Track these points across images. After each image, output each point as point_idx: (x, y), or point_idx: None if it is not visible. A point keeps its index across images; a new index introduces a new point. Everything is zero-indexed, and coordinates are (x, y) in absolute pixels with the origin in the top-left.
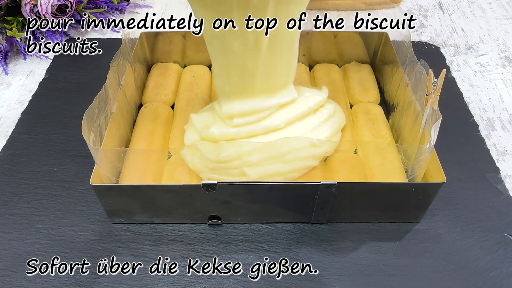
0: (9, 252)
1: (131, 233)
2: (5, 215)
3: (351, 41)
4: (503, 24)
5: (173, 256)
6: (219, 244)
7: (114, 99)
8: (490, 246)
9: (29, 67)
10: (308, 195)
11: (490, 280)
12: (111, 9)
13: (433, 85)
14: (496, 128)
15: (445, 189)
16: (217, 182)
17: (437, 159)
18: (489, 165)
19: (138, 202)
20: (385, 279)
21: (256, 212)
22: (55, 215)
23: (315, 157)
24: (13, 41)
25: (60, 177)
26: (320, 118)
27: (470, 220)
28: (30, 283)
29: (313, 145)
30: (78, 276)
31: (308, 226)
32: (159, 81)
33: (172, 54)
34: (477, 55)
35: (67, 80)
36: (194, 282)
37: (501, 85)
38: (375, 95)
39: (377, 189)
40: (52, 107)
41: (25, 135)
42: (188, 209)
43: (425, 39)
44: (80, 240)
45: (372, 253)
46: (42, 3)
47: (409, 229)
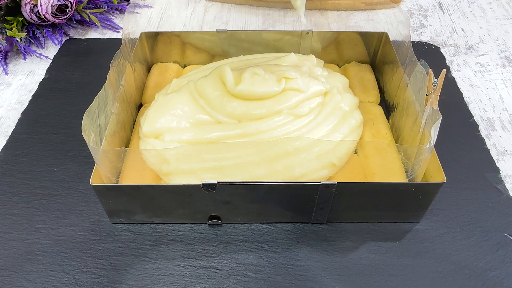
0: (9, 252)
1: (131, 233)
2: (5, 215)
3: (351, 41)
4: (503, 24)
5: (173, 256)
6: (219, 244)
7: (114, 99)
8: (490, 246)
9: (29, 67)
10: (308, 195)
11: (490, 280)
12: (111, 9)
13: (433, 85)
14: (496, 128)
15: (445, 189)
16: (217, 182)
17: (437, 159)
18: (489, 165)
19: (138, 202)
20: (385, 279)
21: (256, 212)
22: (55, 215)
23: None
24: (13, 41)
25: (60, 177)
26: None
27: (470, 220)
28: (30, 283)
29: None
30: (78, 276)
31: (308, 226)
32: (159, 81)
33: (172, 54)
34: (477, 55)
35: (67, 80)
36: (194, 282)
37: (501, 85)
38: (375, 95)
39: (377, 189)
40: (52, 107)
41: (25, 135)
42: (188, 209)
43: (425, 39)
44: (80, 240)
45: (372, 253)
46: (42, 3)
47: (409, 229)
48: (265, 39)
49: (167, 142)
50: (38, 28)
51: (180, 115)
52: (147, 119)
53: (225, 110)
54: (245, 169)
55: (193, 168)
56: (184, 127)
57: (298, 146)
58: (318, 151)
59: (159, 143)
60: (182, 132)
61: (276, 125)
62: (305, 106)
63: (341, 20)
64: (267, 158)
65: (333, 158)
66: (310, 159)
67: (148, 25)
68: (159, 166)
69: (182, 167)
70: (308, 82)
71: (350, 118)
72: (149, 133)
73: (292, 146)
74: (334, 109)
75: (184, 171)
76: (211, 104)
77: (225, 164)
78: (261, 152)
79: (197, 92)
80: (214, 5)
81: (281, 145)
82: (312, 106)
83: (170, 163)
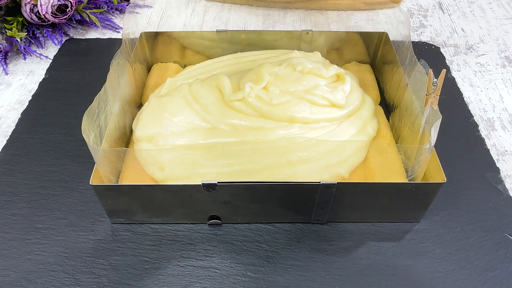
0: (9, 252)
1: (131, 233)
2: (5, 215)
3: (351, 41)
4: (503, 24)
5: (173, 256)
6: (219, 244)
7: (114, 99)
8: (490, 246)
9: (29, 67)
10: (308, 195)
11: (490, 280)
12: (111, 9)
13: (433, 85)
14: (496, 128)
15: (445, 189)
16: (217, 182)
17: (437, 159)
18: (489, 165)
19: (138, 202)
20: (385, 279)
21: (256, 212)
22: (55, 215)
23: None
24: (13, 41)
25: (60, 177)
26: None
27: (470, 220)
28: (30, 283)
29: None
30: (78, 276)
31: (308, 226)
32: (159, 81)
33: (172, 54)
34: (477, 55)
35: (67, 80)
36: (194, 282)
37: (501, 85)
38: (375, 95)
39: (377, 189)
40: (52, 107)
41: (25, 135)
42: (188, 209)
43: (425, 39)
44: (80, 240)
45: (372, 253)
46: (42, 3)
47: (409, 229)
48: (265, 39)
49: (161, 146)
50: (38, 28)
51: (173, 120)
52: (140, 123)
53: (223, 119)
54: (244, 178)
55: (189, 175)
56: (178, 132)
57: (304, 156)
58: (326, 162)
59: (152, 147)
60: (176, 137)
61: (279, 134)
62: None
63: (341, 20)
64: (268, 166)
65: (341, 171)
66: (318, 170)
67: (148, 25)
68: (153, 171)
69: (176, 174)
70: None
71: (368, 127)
72: (142, 137)
73: (297, 156)
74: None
75: (179, 177)
76: (206, 110)
77: (222, 171)
78: (261, 159)
79: (192, 96)
80: (214, 5)
81: (283, 154)
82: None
83: (165, 169)
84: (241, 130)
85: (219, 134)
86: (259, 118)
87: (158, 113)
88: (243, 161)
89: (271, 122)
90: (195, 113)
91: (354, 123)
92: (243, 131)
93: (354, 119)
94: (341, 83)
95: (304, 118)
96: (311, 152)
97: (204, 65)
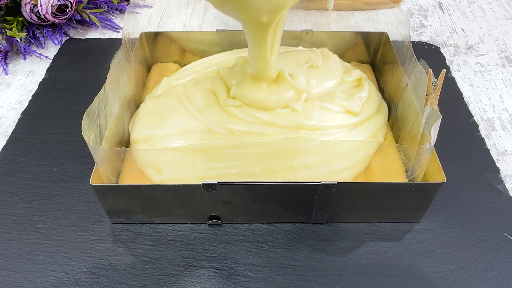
0: (9, 252)
1: (131, 233)
2: (5, 215)
3: (351, 41)
4: (503, 24)
5: (173, 256)
6: (219, 244)
7: (114, 99)
8: (490, 246)
9: (29, 67)
10: (308, 195)
11: (490, 280)
12: (111, 9)
13: (433, 85)
14: (496, 128)
15: (445, 189)
16: (217, 182)
17: (437, 159)
18: (489, 165)
19: (138, 202)
20: (385, 279)
21: (256, 212)
22: (55, 215)
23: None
24: (13, 41)
25: (60, 177)
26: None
27: (470, 220)
28: (30, 283)
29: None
30: (78, 276)
31: (308, 226)
32: (159, 81)
33: (172, 54)
34: (477, 55)
35: (67, 80)
36: (194, 282)
37: (501, 85)
38: None
39: (377, 189)
40: (52, 107)
41: (25, 135)
42: (188, 209)
43: (425, 39)
44: (80, 240)
45: (372, 253)
46: (42, 3)
47: (409, 229)
48: None
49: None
50: (38, 28)
51: (169, 121)
52: (135, 125)
53: (219, 122)
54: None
55: (186, 177)
56: (174, 134)
57: (307, 162)
58: (330, 168)
59: (149, 148)
60: (172, 139)
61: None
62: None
63: (341, 20)
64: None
65: (345, 176)
66: (320, 176)
67: (148, 25)
68: (150, 173)
69: (174, 177)
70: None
71: (379, 134)
72: (138, 139)
73: (299, 161)
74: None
75: (176, 181)
76: (201, 112)
77: (220, 173)
78: (261, 162)
79: (186, 98)
80: None
81: (286, 158)
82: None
83: (162, 172)
84: (238, 135)
85: (216, 137)
86: (259, 124)
87: (153, 115)
88: (241, 165)
89: (273, 128)
90: (190, 115)
91: (366, 130)
92: (240, 135)
93: (367, 125)
94: (359, 90)
95: (313, 125)
96: (315, 158)
97: (199, 63)
